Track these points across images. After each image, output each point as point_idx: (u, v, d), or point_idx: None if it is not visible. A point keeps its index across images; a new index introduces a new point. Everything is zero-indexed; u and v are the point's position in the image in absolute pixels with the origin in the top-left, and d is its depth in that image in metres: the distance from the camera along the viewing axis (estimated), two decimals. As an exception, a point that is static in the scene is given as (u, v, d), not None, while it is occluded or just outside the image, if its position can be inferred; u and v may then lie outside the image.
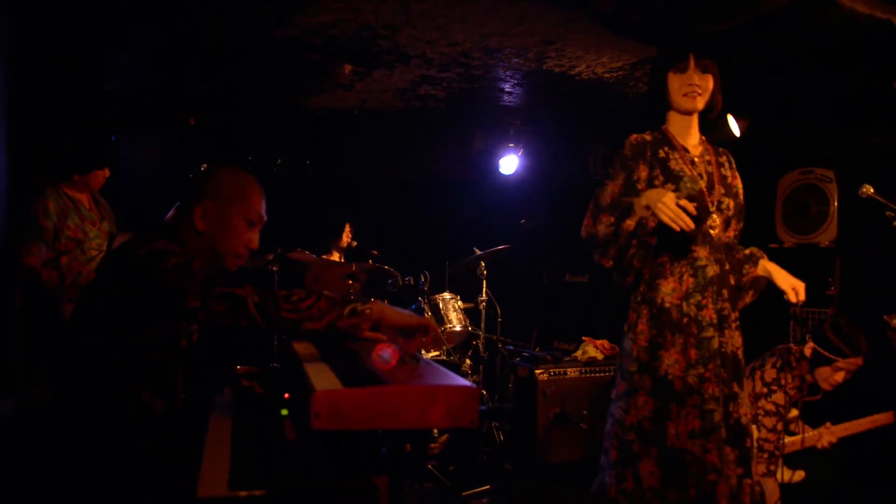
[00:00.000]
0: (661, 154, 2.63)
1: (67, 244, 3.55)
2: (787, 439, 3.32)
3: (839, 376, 3.30)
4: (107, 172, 3.76)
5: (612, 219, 2.50)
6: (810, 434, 3.39)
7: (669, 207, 2.32)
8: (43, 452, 1.68)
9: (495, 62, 4.36)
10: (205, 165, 3.87)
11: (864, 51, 3.75)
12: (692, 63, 2.62)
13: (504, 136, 6.17)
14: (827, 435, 3.36)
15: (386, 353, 1.60)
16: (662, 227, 2.37)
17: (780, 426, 3.28)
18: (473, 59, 4.31)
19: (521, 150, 6.11)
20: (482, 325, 4.92)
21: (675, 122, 2.71)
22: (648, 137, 2.67)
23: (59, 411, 1.71)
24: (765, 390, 3.34)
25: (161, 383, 1.78)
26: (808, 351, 3.38)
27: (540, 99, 5.20)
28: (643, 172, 2.61)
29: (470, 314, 5.02)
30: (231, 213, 1.94)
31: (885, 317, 3.32)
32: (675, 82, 2.64)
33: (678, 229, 2.33)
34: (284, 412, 2.00)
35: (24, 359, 3.51)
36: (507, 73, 4.58)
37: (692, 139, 2.71)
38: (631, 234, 2.48)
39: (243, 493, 1.52)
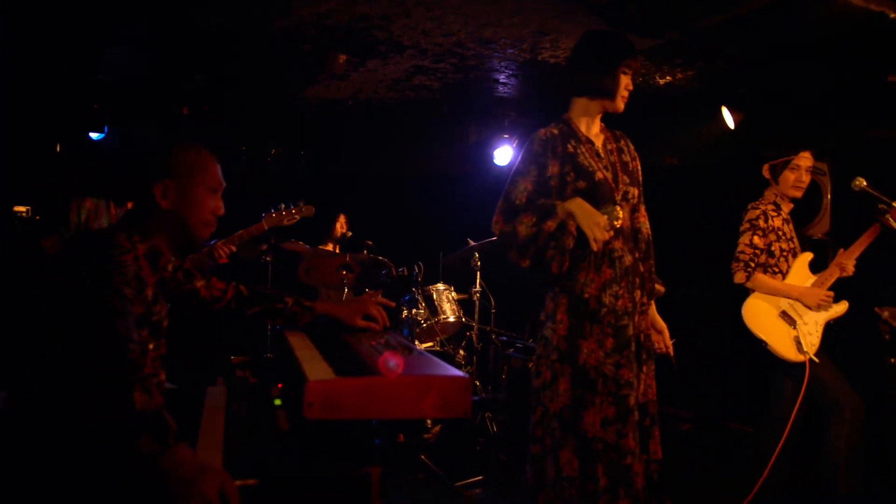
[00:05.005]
0: (570, 149, 2.64)
1: None
2: (828, 276, 3.49)
3: (804, 177, 3.54)
4: None
5: (534, 219, 2.53)
6: (835, 270, 3.51)
7: (601, 234, 2.44)
8: (28, 445, 1.67)
9: (490, 53, 4.35)
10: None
11: (858, 43, 3.76)
12: (636, 65, 2.65)
13: (499, 128, 6.16)
14: (849, 265, 3.48)
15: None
16: (581, 231, 2.48)
17: (755, 240, 3.48)
18: (468, 50, 4.30)
19: (516, 142, 6.10)
20: (476, 316, 4.92)
21: (582, 111, 2.72)
22: (556, 131, 2.68)
23: (41, 406, 1.69)
24: (743, 217, 3.60)
25: (108, 393, 1.71)
26: (765, 173, 3.61)
27: (534, 90, 5.19)
28: (554, 168, 2.63)
29: (464, 305, 5.02)
30: (193, 186, 1.95)
31: (876, 309, 3.35)
32: (623, 80, 2.66)
33: (594, 249, 2.48)
34: (278, 402, 2.00)
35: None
36: (502, 63, 4.57)
37: (595, 128, 2.74)
38: (550, 236, 2.51)
39: (237, 483, 1.53)
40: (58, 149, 4.91)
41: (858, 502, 3.25)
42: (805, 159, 3.54)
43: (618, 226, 2.59)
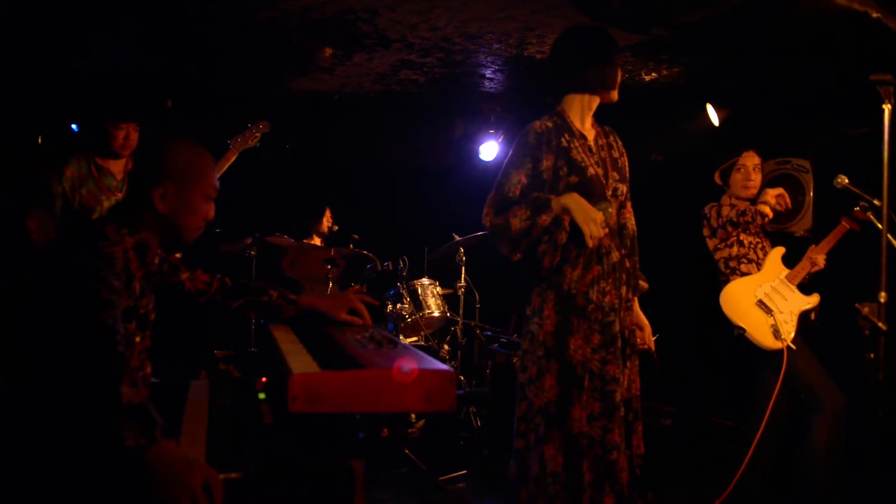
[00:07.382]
0: (564, 143, 2.63)
1: (81, 210, 3.72)
2: (800, 269, 3.59)
3: (752, 175, 3.65)
4: (124, 136, 3.87)
5: (529, 212, 2.52)
6: (807, 264, 3.60)
7: (597, 231, 2.44)
8: (14, 438, 1.66)
9: (476, 48, 4.34)
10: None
11: (841, 42, 3.79)
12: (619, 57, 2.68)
13: (484, 123, 6.16)
14: (819, 259, 3.58)
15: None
16: (574, 225, 2.48)
17: (720, 233, 3.62)
18: (454, 45, 4.30)
19: (502, 137, 6.10)
20: (460, 310, 4.93)
21: (575, 106, 2.71)
22: (550, 124, 2.66)
23: (27, 398, 1.68)
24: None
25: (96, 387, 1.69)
26: (717, 179, 3.77)
27: (521, 86, 5.19)
28: (548, 162, 2.62)
29: (448, 300, 5.03)
30: (191, 193, 1.95)
31: (856, 304, 3.38)
32: (617, 74, 2.67)
33: (591, 245, 2.47)
34: (262, 396, 2.00)
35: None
36: (488, 59, 4.57)
37: (588, 122, 2.74)
38: (544, 230, 2.51)
39: (220, 476, 1.52)
40: (39, 140, 4.86)
41: (839, 496, 3.28)
42: (749, 158, 3.63)
43: (609, 222, 2.60)
